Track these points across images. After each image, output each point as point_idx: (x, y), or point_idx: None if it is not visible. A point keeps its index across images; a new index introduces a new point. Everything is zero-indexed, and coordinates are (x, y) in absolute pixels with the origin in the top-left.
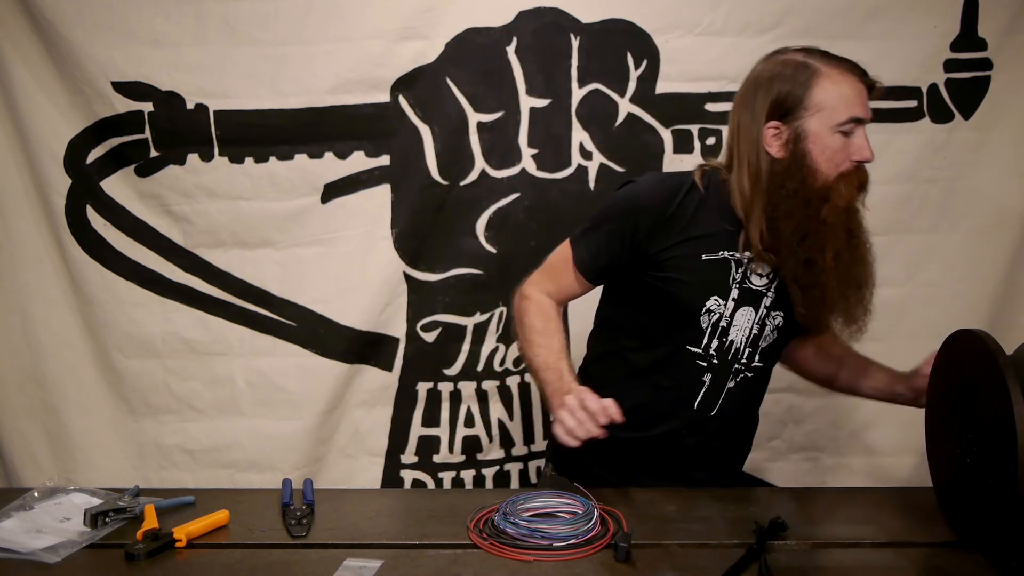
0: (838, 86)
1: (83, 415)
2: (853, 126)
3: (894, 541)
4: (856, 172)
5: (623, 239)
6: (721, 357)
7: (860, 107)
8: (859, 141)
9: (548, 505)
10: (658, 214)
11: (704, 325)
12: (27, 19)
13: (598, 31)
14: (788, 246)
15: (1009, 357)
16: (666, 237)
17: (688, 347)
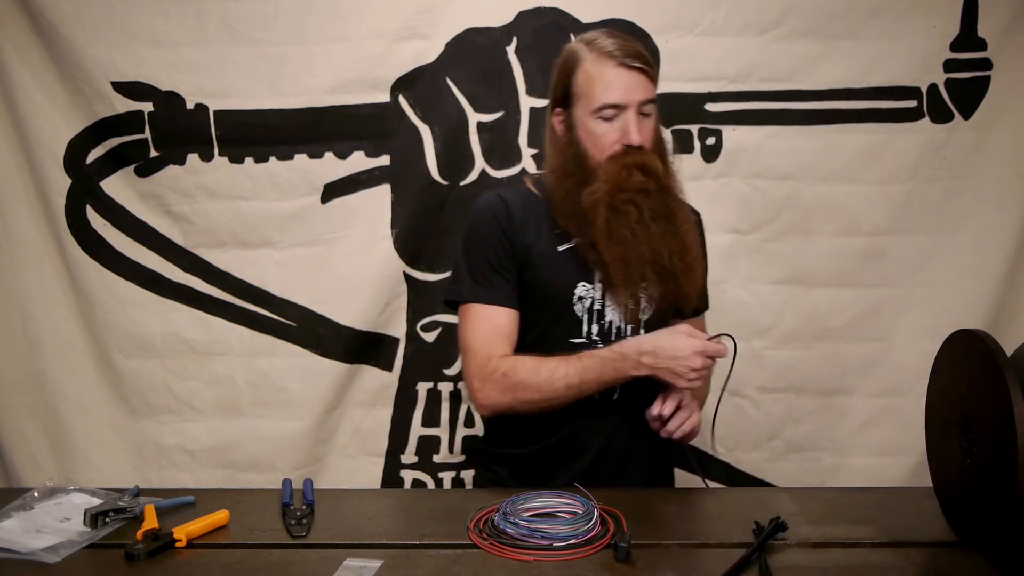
0: (594, 73)
1: (83, 415)
2: (612, 112)
3: (894, 541)
4: (623, 155)
5: (500, 251)
6: (605, 340)
7: (616, 93)
8: (621, 126)
9: (548, 505)
10: (512, 217)
11: (579, 313)
12: (27, 19)
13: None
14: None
15: (1009, 357)
16: (522, 235)
17: (571, 339)
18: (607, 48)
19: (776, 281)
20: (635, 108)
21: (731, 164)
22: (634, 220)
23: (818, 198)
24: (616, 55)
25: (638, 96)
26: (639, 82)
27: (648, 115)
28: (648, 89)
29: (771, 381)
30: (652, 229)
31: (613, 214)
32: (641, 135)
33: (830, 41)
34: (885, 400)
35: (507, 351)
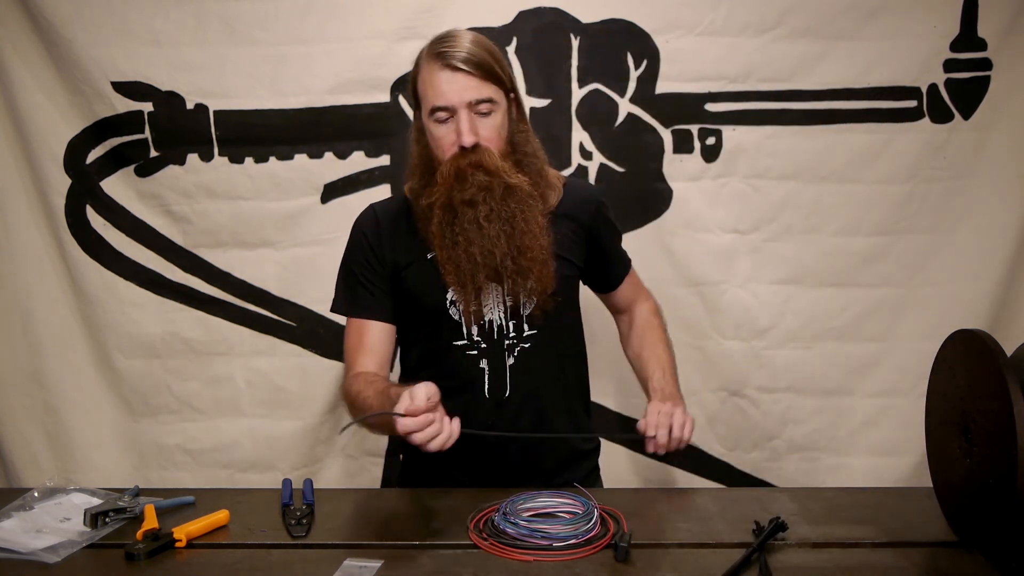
0: (426, 75)
1: (83, 415)
2: (445, 114)
3: (894, 541)
4: (458, 156)
5: (369, 264)
6: (488, 339)
7: (442, 95)
8: (455, 127)
9: (548, 505)
10: (375, 233)
11: (456, 316)
12: (27, 19)
13: (598, 31)
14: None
15: (1009, 357)
16: (391, 251)
17: (454, 343)
18: (436, 50)
19: (776, 281)
20: (466, 108)
21: (731, 164)
22: (467, 221)
23: (818, 198)
24: (443, 57)
25: (467, 96)
26: (468, 83)
27: (487, 114)
28: (480, 89)
29: (771, 381)
30: (486, 230)
31: (449, 216)
32: (476, 135)
33: (830, 41)
34: (885, 400)
35: (367, 365)
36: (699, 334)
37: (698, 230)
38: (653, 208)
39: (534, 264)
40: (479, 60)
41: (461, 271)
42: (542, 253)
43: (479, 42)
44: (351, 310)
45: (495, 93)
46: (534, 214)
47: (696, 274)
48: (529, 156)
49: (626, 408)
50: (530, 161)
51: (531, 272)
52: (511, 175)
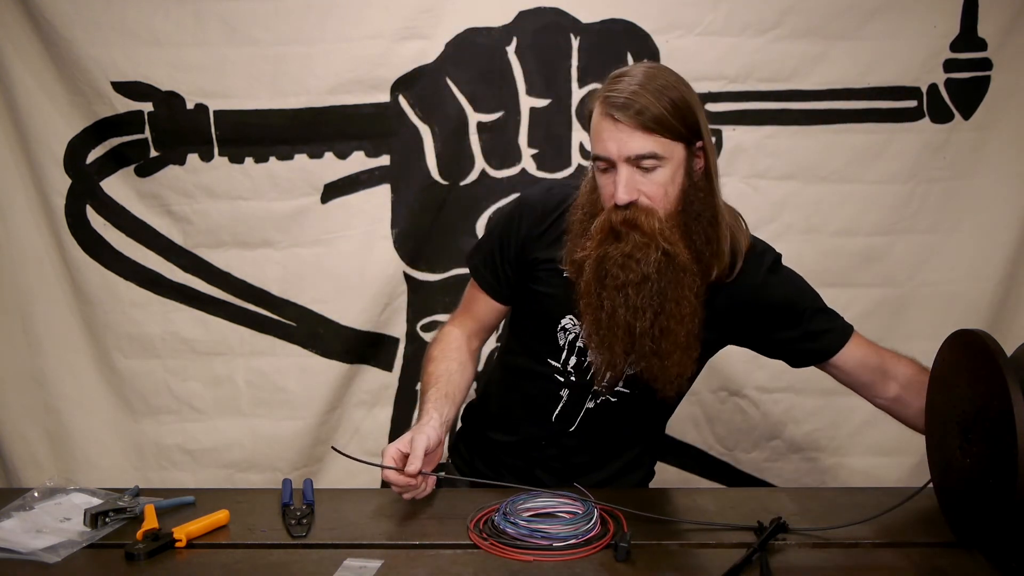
0: (593, 120)
1: (83, 415)
2: (605, 164)
3: (894, 541)
4: (612, 211)
5: (507, 247)
6: (580, 376)
7: (602, 145)
8: (611, 180)
9: (548, 505)
10: (535, 223)
11: (561, 343)
12: (27, 19)
13: (598, 31)
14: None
15: (1009, 357)
16: (539, 248)
17: (549, 360)
18: (605, 93)
19: None
20: (626, 164)
21: (731, 164)
22: (615, 286)
23: (818, 198)
24: (607, 103)
25: (626, 152)
26: (629, 136)
27: (651, 170)
28: (644, 143)
29: (771, 381)
30: (632, 300)
31: (601, 276)
32: (633, 192)
33: (830, 41)
34: None
35: (465, 323)
36: None
37: None
38: None
39: (675, 350)
40: (645, 109)
41: (600, 334)
42: (686, 338)
43: (655, 84)
44: (479, 277)
45: (662, 147)
46: (687, 293)
47: None
48: (703, 221)
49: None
50: (703, 227)
51: (670, 357)
52: (670, 241)
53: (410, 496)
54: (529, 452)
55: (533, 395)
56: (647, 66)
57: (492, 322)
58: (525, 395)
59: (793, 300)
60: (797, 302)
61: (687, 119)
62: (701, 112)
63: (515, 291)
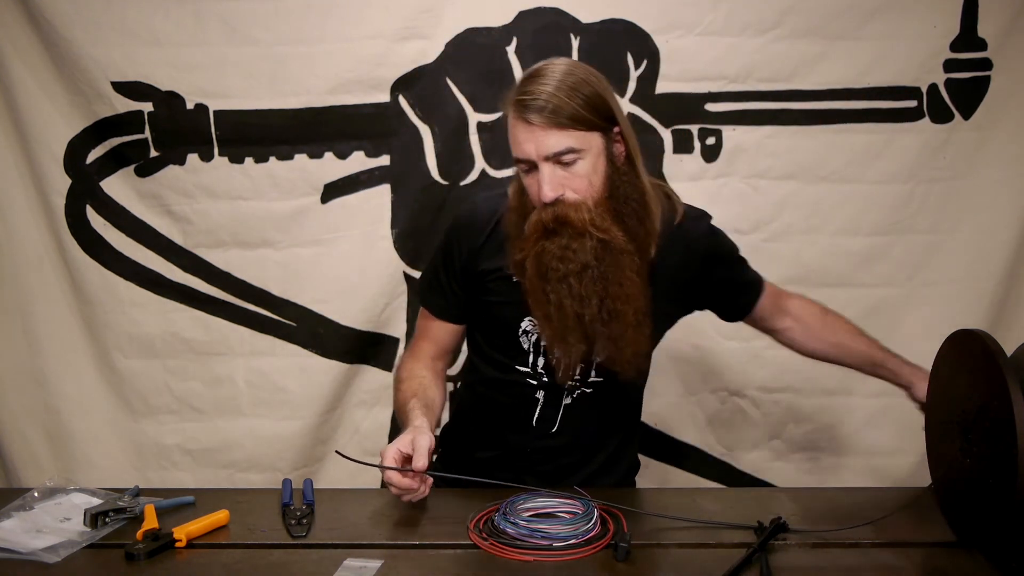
0: (509, 123)
1: (83, 415)
2: (526, 166)
3: (894, 541)
4: (543, 209)
5: (451, 268)
6: (551, 375)
7: (520, 148)
8: (535, 180)
9: (548, 505)
10: (473, 237)
11: (525, 346)
12: (27, 19)
13: (598, 31)
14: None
15: (1009, 357)
16: (484, 259)
17: (517, 367)
18: (517, 96)
19: (776, 281)
20: (546, 162)
21: (731, 164)
22: (557, 279)
23: (818, 198)
24: (519, 107)
25: (544, 151)
26: (544, 136)
27: (571, 163)
28: (560, 140)
29: (771, 381)
30: (576, 289)
31: (542, 271)
32: (558, 188)
33: (830, 41)
34: (885, 400)
35: (424, 349)
36: (699, 334)
37: None
38: None
39: (627, 329)
40: (556, 105)
41: (555, 328)
42: (636, 316)
43: (564, 81)
44: (424, 301)
45: (578, 140)
46: (628, 273)
47: None
48: (631, 202)
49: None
50: (632, 208)
51: (623, 338)
52: (602, 228)
53: (409, 498)
54: (515, 463)
55: (509, 405)
56: (554, 63)
57: (452, 344)
58: (501, 407)
59: (729, 251)
60: (731, 254)
61: (599, 109)
62: (613, 99)
63: (468, 309)
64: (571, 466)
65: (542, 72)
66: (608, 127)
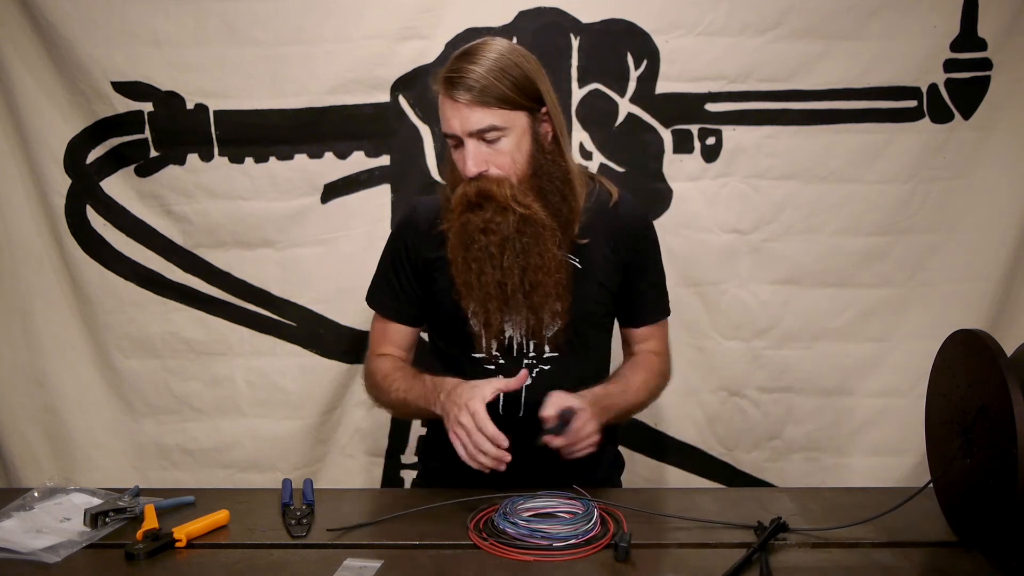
0: (440, 102)
1: (83, 415)
2: (454, 141)
3: (894, 541)
4: (467, 183)
5: (401, 266)
6: (506, 356)
7: (448, 124)
8: (462, 155)
9: (548, 505)
10: (416, 229)
11: (476, 329)
12: (27, 19)
13: (598, 31)
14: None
15: (1009, 357)
16: (428, 249)
17: (473, 355)
18: (445, 74)
19: (776, 281)
20: (471, 138)
21: (731, 164)
22: (479, 248)
23: (818, 198)
24: (447, 84)
25: (468, 127)
26: (469, 113)
27: (495, 141)
28: (483, 118)
29: (771, 381)
30: (497, 260)
31: (465, 241)
32: (482, 164)
33: (830, 41)
34: (885, 400)
35: (387, 349)
36: (699, 334)
37: (698, 230)
38: (653, 208)
39: (546, 300)
40: (483, 86)
41: (473, 296)
42: (556, 288)
43: (492, 60)
44: (376, 306)
45: (502, 119)
46: (548, 247)
47: (696, 274)
48: (555, 181)
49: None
50: (556, 187)
51: (542, 307)
52: (523, 204)
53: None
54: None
55: None
56: (486, 43)
57: (411, 344)
58: None
59: (653, 250)
60: (654, 254)
61: (526, 90)
62: (543, 82)
63: (421, 309)
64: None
65: (473, 51)
66: (535, 108)
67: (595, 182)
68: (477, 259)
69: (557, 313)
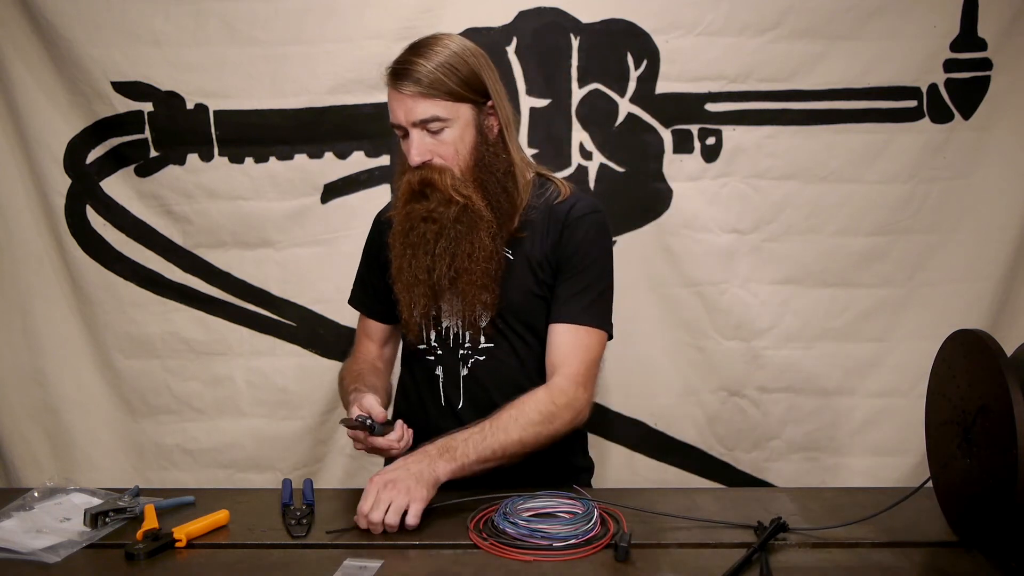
0: (388, 94)
1: (83, 415)
2: (401, 132)
3: (894, 541)
4: (410, 172)
5: (372, 261)
6: (444, 347)
7: (394, 114)
8: (406, 145)
9: (548, 505)
10: (376, 235)
11: (405, 315)
12: (27, 19)
13: (598, 31)
14: None
15: (1009, 357)
16: (387, 250)
17: (418, 346)
18: (392, 65)
19: (776, 281)
20: (415, 128)
21: (731, 164)
22: (417, 235)
23: (818, 198)
24: (392, 75)
25: (412, 117)
26: (412, 103)
27: (438, 132)
28: (427, 108)
29: (771, 381)
30: (431, 246)
31: (405, 227)
32: (425, 153)
33: (830, 41)
34: (885, 400)
35: (367, 347)
36: (699, 334)
37: (698, 230)
38: (653, 208)
39: (471, 288)
40: (426, 77)
41: (404, 280)
42: (483, 278)
43: (437, 53)
44: (354, 303)
45: (445, 110)
46: (481, 237)
47: (696, 274)
48: (497, 174)
49: (628, 408)
50: (497, 180)
51: (468, 295)
52: (463, 194)
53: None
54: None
55: (421, 391)
56: (435, 38)
57: (388, 338)
58: (410, 393)
59: (588, 240)
60: (588, 245)
61: (471, 84)
62: (490, 76)
63: (388, 303)
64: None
65: (417, 44)
66: (481, 101)
67: (550, 181)
68: (412, 245)
69: (486, 304)
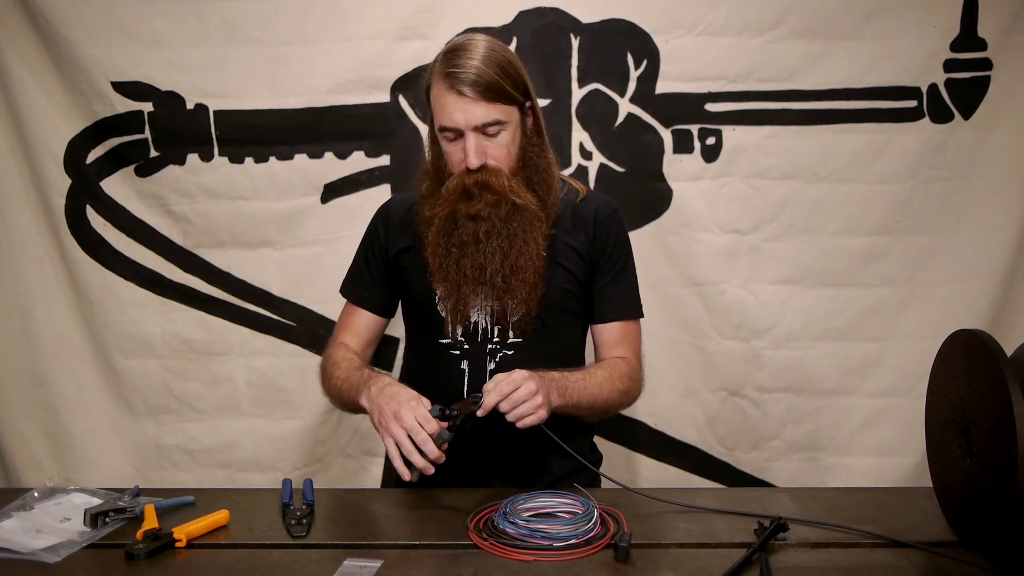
0: (437, 93)
1: (83, 415)
2: (453, 134)
3: (894, 541)
4: (465, 174)
5: (373, 254)
6: (471, 341)
7: (450, 117)
8: (463, 147)
9: (548, 505)
10: (390, 218)
11: (443, 313)
12: (27, 19)
13: (598, 31)
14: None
15: (1009, 357)
16: (401, 239)
17: (439, 340)
18: (447, 68)
19: (776, 281)
20: (473, 132)
21: (731, 164)
22: (466, 233)
23: (818, 198)
24: (451, 78)
25: (473, 121)
26: (475, 108)
27: (495, 135)
28: (487, 112)
29: (771, 381)
30: (483, 245)
31: (450, 227)
32: (482, 156)
33: (830, 41)
34: (885, 400)
35: (348, 340)
36: (699, 334)
37: (698, 230)
38: (653, 208)
39: (523, 286)
40: (487, 82)
41: (448, 280)
42: (534, 276)
43: (490, 57)
44: (347, 293)
45: (503, 113)
46: (535, 236)
47: (696, 274)
48: (541, 172)
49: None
50: (541, 178)
51: (519, 292)
52: (519, 195)
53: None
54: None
55: (438, 385)
56: (476, 39)
57: (372, 336)
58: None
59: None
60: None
61: (518, 84)
62: (526, 73)
63: (391, 296)
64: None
65: (468, 47)
66: (523, 101)
67: (563, 180)
68: (460, 244)
69: (527, 299)
